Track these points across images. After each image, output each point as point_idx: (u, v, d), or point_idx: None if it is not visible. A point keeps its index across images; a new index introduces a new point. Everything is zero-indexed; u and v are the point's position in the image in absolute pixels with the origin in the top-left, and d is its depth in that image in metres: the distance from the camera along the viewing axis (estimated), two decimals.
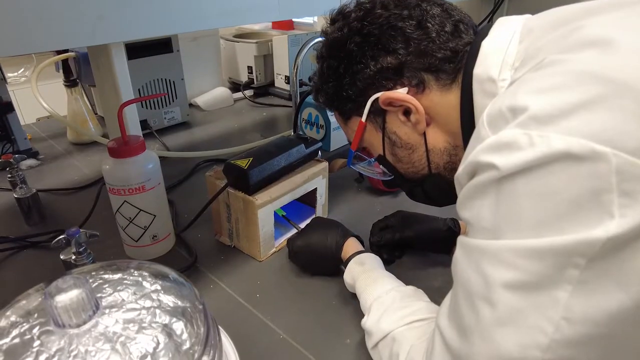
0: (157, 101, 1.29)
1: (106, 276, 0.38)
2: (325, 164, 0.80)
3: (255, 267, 0.73)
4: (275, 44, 1.52)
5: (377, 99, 0.51)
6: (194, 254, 0.74)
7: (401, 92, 0.49)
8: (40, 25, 0.48)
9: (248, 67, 1.60)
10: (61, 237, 0.60)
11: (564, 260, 0.31)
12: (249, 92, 1.62)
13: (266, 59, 1.59)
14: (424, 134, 0.51)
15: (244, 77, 1.64)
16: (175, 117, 1.35)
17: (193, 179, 1.04)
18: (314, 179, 0.78)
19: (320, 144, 0.81)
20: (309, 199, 0.84)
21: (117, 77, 0.72)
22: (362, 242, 0.69)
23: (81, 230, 0.61)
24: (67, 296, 0.31)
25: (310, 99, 1.14)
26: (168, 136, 1.29)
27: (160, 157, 1.16)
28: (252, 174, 0.68)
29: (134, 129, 0.78)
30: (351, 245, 0.67)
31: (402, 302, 0.54)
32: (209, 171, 0.76)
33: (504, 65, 0.43)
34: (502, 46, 0.44)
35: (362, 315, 0.56)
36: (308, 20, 2.01)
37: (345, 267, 0.64)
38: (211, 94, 1.52)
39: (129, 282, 0.38)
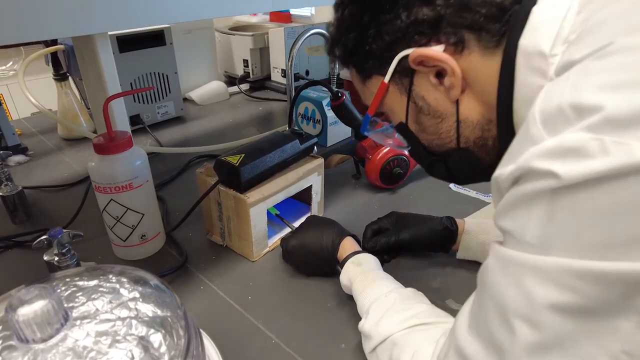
0: (150, 95, 1.26)
1: (81, 283, 0.36)
2: (320, 161, 0.78)
3: (248, 268, 0.71)
4: (271, 36, 1.49)
5: (406, 56, 0.44)
6: (184, 254, 0.72)
7: (437, 50, 0.42)
8: (14, 14, 0.45)
9: (244, 60, 1.57)
10: (43, 237, 0.57)
11: (633, 289, 0.27)
12: (244, 86, 1.58)
13: (262, 52, 1.56)
14: (457, 102, 0.45)
15: (239, 71, 1.60)
16: (169, 111, 1.32)
17: (186, 176, 1.01)
18: (309, 175, 0.76)
19: (315, 139, 0.78)
20: (304, 196, 0.81)
21: (102, 69, 0.69)
22: (358, 242, 0.67)
23: (64, 230, 0.58)
24: (31, 309, 0.28)
25: (306, 92, 1.11)
26: (161, 131, 1.26)
27: (152, 153, 1.14)
28: (243, 171, 0.65)
29: (122, 124, 0.75)
30: (348, 244, 0.64)
31: (402, 305, 0.51)
32: (200, 168, 0.73)
33: (557, 38, 0.36)
34: (558, 15, 0.37)
35: (359, 319, 0.54)
36: (305, 12, 1.98)
37: (341, 268, 0.61)
38: (206, 88, 1.49)
39: (104, 290, 0.35)
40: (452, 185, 0.93)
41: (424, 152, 0.51)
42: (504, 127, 0.43)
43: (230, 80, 1.63)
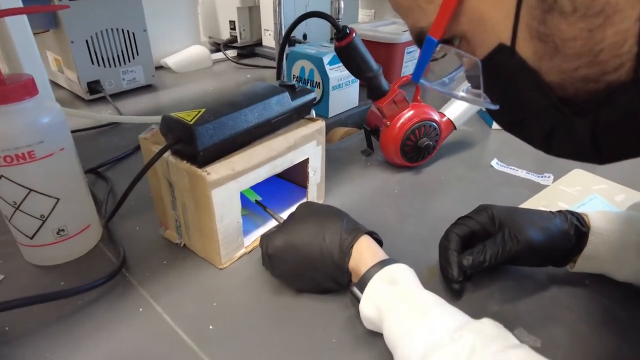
0: (113, 58, 1.02)
1: None
2: (321, 124, 0.55)
3: (212, 279, 0.48)
4: None
5: None
6: (121, 256, 0.49)
7: None
8: None
9: (230, 22, 1.33)
10: None
11: None
12: (231, 53, 1.35)
13: (252, 12, 1.32)
14: None
15: (225, 35, 1.37)
16: (137, 78, 1.09)
17: None
18: (304, 145, 0.53)
19: (313, 94, 0.55)
20: (297, 175, 0.58)
21: None
22: (379, 242, 0.44)
23: None
24: None
25: (302, 48, 0.88)
26: (126, 100, 1.03)
27: (109, 124, 0.92)
28: (201, 133, 0.43)
29: (32, 67, 0.52)
30: (367, 248, 0.41)
31: (487, 354, 0.29)
32: (145, 132, 0.50)
33: None
34: None
35: None
36: None
37: (361, 290, 0.38)
38: (184, 53, 1.25)
39: None
40: (494, 162, 0.70)
41: (546, 104, 0.27)
42: None
43: (217, 48, 1.40)
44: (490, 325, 0.33)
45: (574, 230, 0.43)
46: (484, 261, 0.42)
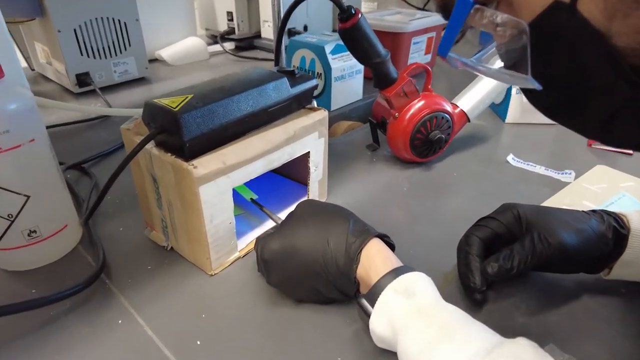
0: (103, 49, 0.97)
1: None
2: (323, 114, 0.50)
3: (201, 288, 0.43)
4: None
5: None
6: (100, 260, 0.44)
7: None
8: None
9: (228, 13, 1.28)
10: None
11: None
12: (229, 45, 1.29)
13: (250, 2, 1.27)
14: None
15: (223, 27, 1.31)
16: (130, 70, 1.04)
17: None
18: (305, 136, 0.48)
19: (315, 81, 0.50)
20: (297, 170, 0.53)
21: None
22: (391, 247, 0.39)
23: None
24: None
25: (302, 37, 0.83)
26: (118, 94, 0.98)
27: (99, 118, 0.87)
28: (187, 122, 0.37)
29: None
30: (378, 253, 0.36)
31: None
32: (128, 122, 0.45)
33: None
34: None
35: None
36: None
37: (371, 302, 0.33)
38: (179, 45, 1.20)
39: None
40: (510, 158, 0.65)
41: (614, 76, 0.21)
42: None
43: (214, 41, 1.34)
44: (527, 346, 0.27)
45: (612, 233, 0.38)
46: (512, 268, 0.36)
